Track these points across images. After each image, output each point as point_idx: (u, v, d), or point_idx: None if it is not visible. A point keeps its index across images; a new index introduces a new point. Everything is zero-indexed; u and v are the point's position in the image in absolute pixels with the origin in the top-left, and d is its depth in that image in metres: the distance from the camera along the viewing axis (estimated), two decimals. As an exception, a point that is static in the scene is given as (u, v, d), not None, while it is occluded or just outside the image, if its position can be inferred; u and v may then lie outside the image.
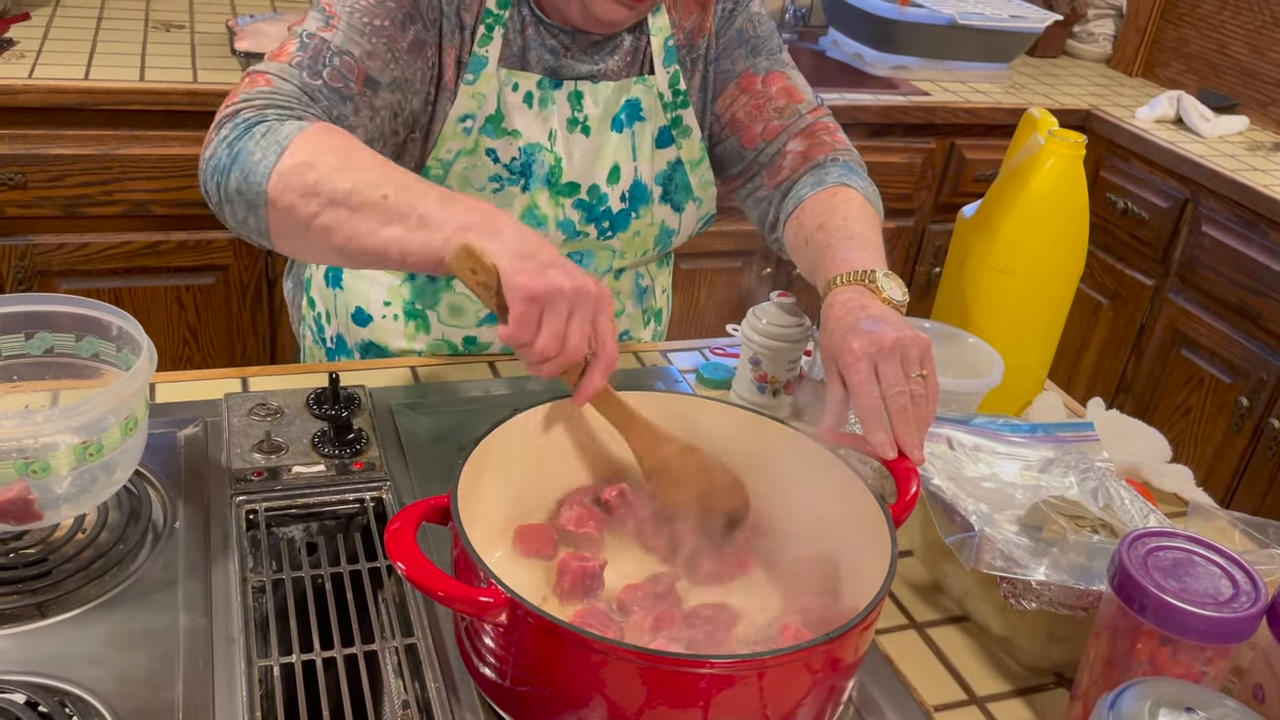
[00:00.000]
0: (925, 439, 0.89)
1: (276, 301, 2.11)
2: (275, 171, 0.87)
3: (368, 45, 1.01)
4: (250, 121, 0.91)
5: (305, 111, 0.95)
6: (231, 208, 0.91)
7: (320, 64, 0.98)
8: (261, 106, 0.93)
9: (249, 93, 0.95)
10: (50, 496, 0.84)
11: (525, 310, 0.78)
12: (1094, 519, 0.90)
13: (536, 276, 0.78)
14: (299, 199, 0.86)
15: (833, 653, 0.70)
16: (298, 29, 1.02)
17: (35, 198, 1.85)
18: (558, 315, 0.78)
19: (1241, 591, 0.73)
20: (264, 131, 0.89)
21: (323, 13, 1.02)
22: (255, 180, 0.88)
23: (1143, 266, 2.47)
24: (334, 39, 1.00)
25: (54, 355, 0.94)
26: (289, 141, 0.88)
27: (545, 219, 1.16)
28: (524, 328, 0.78)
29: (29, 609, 0.81)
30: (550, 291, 0.78)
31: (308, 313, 1.34)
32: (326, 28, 1.00)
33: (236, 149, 0.89)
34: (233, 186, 0.89)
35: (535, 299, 0.78)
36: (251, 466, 0.97)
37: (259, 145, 0.88)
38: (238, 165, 0.89)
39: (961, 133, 2.47)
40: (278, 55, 0.99)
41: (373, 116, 1.03)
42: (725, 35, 1.22)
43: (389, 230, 0.84)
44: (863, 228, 1.07)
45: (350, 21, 1.01)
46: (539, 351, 0.79)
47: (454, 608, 0.69)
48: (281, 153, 0.87)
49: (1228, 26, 2.67)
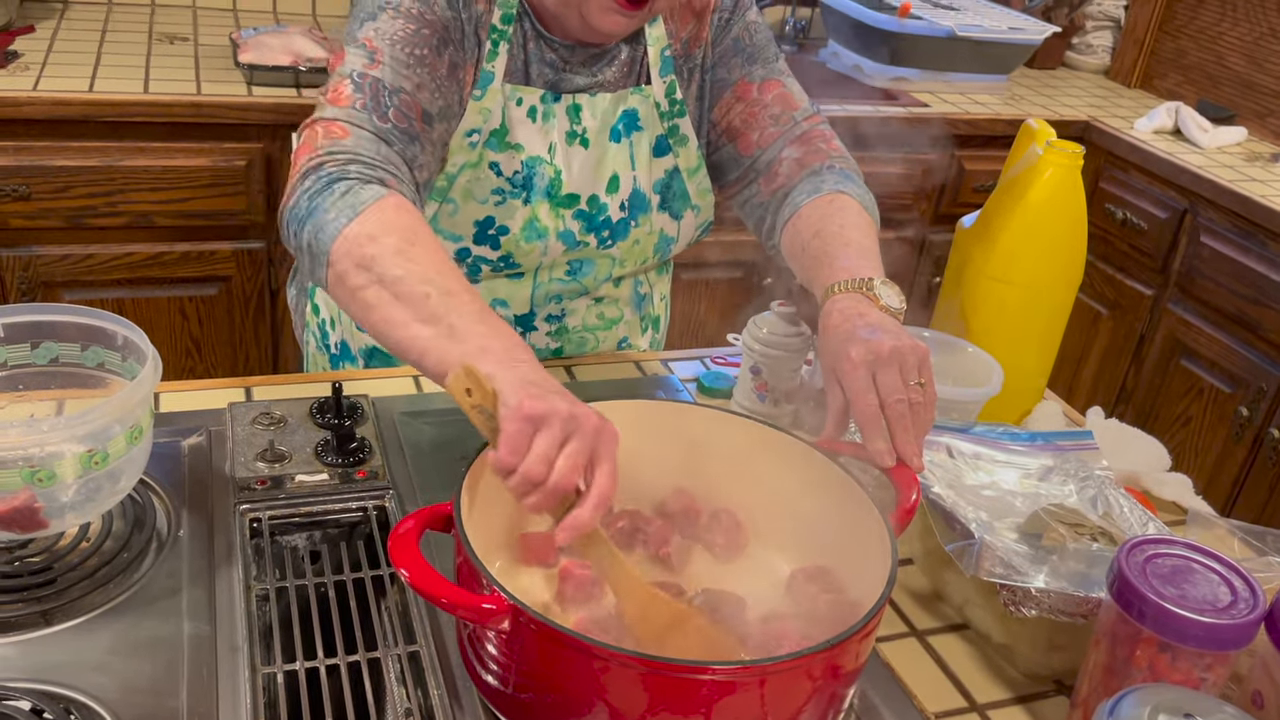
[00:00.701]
0: (924, 447, 0.89)
1: (279, 312, 2.12)
2: (343, 235, 0.88)
3: (415, 78, 1.02)
4: (333, 177, 0.91)
5: (386, 169, 0.95)
6: (301, 257, 0.93)
7: (383, 105, 0.99)
8: (345, 162, 0.93)
9: (331, 145, 0.95)
10: (55, 505, 0.85)
11: (518, 430, 0.73)
12: (1093, 527, 0.90)
13: (536, 399, 0.74)
14: (353, 268, 0.87)
15: (833, 660, 0.70)
16: (342, 69, 1.01)
17: (39, 209, 1.86)
18: (550, 437, 0.73)
19: (1240, 598, 0.74)
20: (343, 190, 0.90)
21: (363, 49, 1.02)
22: (324, 239, 0.89)
23: (1142, 277, 2.47)
24: (384, 76, 1.00)
25: (59, 365, 0.94)
26: (363, 208, 0.89)
27: (546, 230, 1.17)
28: (514, 449, 0.73)
29: (34, 617, 0.82)
30: (548, 414, 0.73)
31: (311, 319, 1.35)
32: (373, 64, 1.00)
33: (315, 204, 0.90)
34: (305, 239, 0.91)
35: (530, 419, 0.73)
36: (255, 475, 0.98)
37: (335, 205, 0.89)
38: (312, 220, 0.90)
39: (961, 143, 2.48)
40: (336, 100, 0.99)
41: (434, 151, 1.05)
42: (721, 44, 1.23)
43: (418, 328, 0.83)
44: (859, 235, 1.07)
45: (394, 55, 1.01)
46: (523, 474, 0.73)
47: (457, 614, 0.70)
48: (354, 218, 0.88)
49: (1225, 38, 2.69)
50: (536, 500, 0.75)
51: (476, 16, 1.09)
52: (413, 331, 0.83)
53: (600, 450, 0.76)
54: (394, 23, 1.03)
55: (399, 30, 1.02)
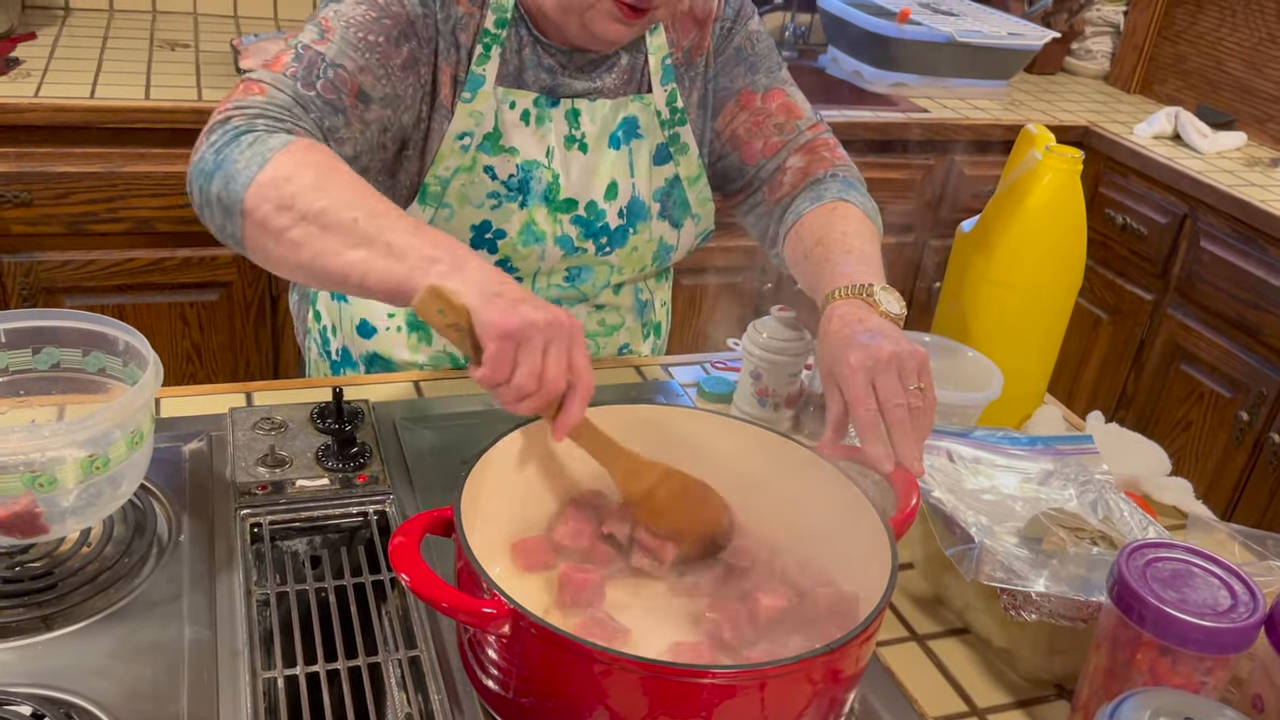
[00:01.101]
0: (924, 451, 0.89)
1: (279, 318, 2.12)
2: (255, 182, 0.87)
3: (361, 60, 1.02)
4: (239, 129, 0.91)
5: (296, 124, 0.95)
6: (211, 212, 0.91)
7: (314, 75, 0.99)
8: (253, 115, 0.93)
9: (242, 100, 0.95)
10: (56, 510, 0.85)
11: (500, 348, 0.76)
12: (1093, 531, 0.90)
13: (509, 313, 0.76)
14: (273, 211, 0.86)
15: (833, 664, 0.70)
16: (292, 40, 1.03)
17: (41, 215, 1.86)
18: (533, 351, 0.77)
19: (1240, 602, 0.74)
20: (251, 141, 0.90)
21: (318, 26, 1.03)
22: (235, 189, 0.88)
23: (1142, 282, 2.47)
24: (328, 52, 1.01)
25: (60, 370, 0.94)
26: (273, 154, 0.88)
27: (543, 235, 1.17)
28: (500, 366, 0.77)
29: (35, 622, 0.82)
30: (525, 327, 0.76)
31: (313, 325, 1.35)
32: (321, 40, 1.01)
33: (222, 156, 0.90)
34: (214, 192, 0.89)
35: (510, 335, 0.76)
36: (256, 480, 0.98)
37: (244, 154, 0.89)
38: (221, 172, 0.89)
39: (960, 149, 2.48)
40: (272, 65, 1.00)
41: (363, 130, 1.04)
42: (724, 53, 1.23)
43: (353, 253, 0.83)
44: (861, 243, 1.08)
45: (345, 36, 1.02)
46: (516, 389, 0.78)
47: (457, 619, 0.70)
48: (264, 164, 0.87)
49: (1225, 43, 2.69)
50: (529, 406, 0.79)
51: (456, 18, 1.09)
52: (348, 258, 0.83)
53: (575, 346, 0.80)
54: (357, 8, 1.04)
55: (359, 15, 1.04)
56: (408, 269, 0.81)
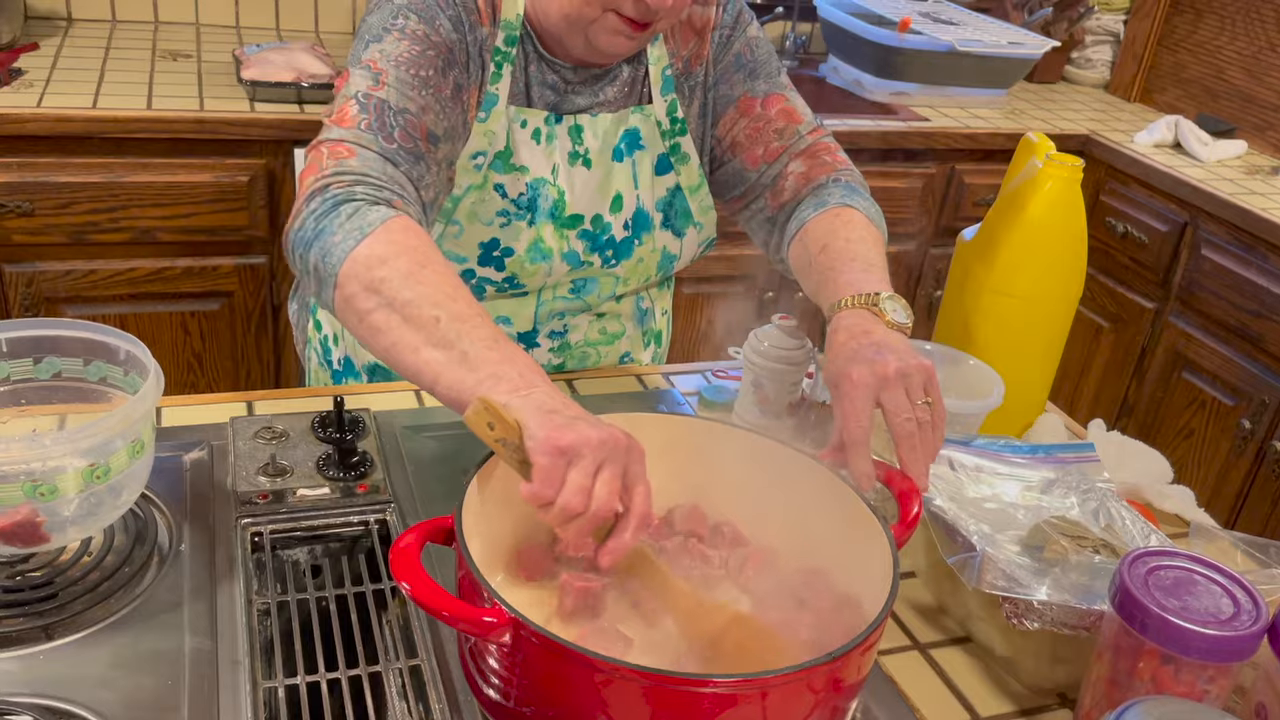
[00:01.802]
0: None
1: (281, 327, 2.12)
2: (351, 258, 0.87)
3: (420, 100, 1.01)
4: (339, 199, 0.91)
5: (392, 189, 0.94)
6: (308, 280, 0.92)
7: (389, 125, 0.98)
8: (350, 184, 0.92)
9: (337, 166, 0.94)
10: (57, 519, 0.85)
11: (550, 464, 0.73)
12: (1095, 539, 0.90)
13: (563, 430, 0.73)
14: (362, 291, 0.86)
15: (835, 672, 0.70)
16: (347, 90, 1.01)
17: (43, 225, 1.86)
18: (584, 469, 0.73)
19: (1243, 610, 0.73)
20: (350, 213, 0.89)
21: (368, 70, 1.01)
22: (331, 261, 0.88)
23: (1143, 290, 2.47)
24: (389, 97, 1.00)
25: (62, 380, 0.95)
26: (371, 230, 0.88)
27: (550, 252, 1.17)
28: (549, 483, 0.73)
29: (35, 631, 0.82)
30: (577, 444, 0.73)
31: (314, 335, 1.35)
32: (377, 86, 1.00)
33: (321, 226, 0.90)
34: (312, 261, 0.90)
35: (562, 452, 0.73)
36: (257, 489, 0.98)
37: (342, 227, 0.88)
38: (319, 242, 0.89)
39: (961, 158, 2.49)
40: (341, 120, 0.98)
41: (439, 171, 1.04)
42: (723, 61, 1.23)
43: (429, 353, 0.82)
44: (865, 249, 1.07)
45: (399, 76, 1.01)
46: (562, 508, 0.74)
47: (458, 628, 0.70)
48: (361, 240, 0.87)
49: (1224, 52, 2.70)
50: (577, 529, 0.75)
51: (481, 39, 1.09)
52: (424, 356, 0.82)
53: (632, 470, 0.76)
54: (399, 44, 1.03)
55: (404, 52, 1.02)
56: (476, 381, 0.79)
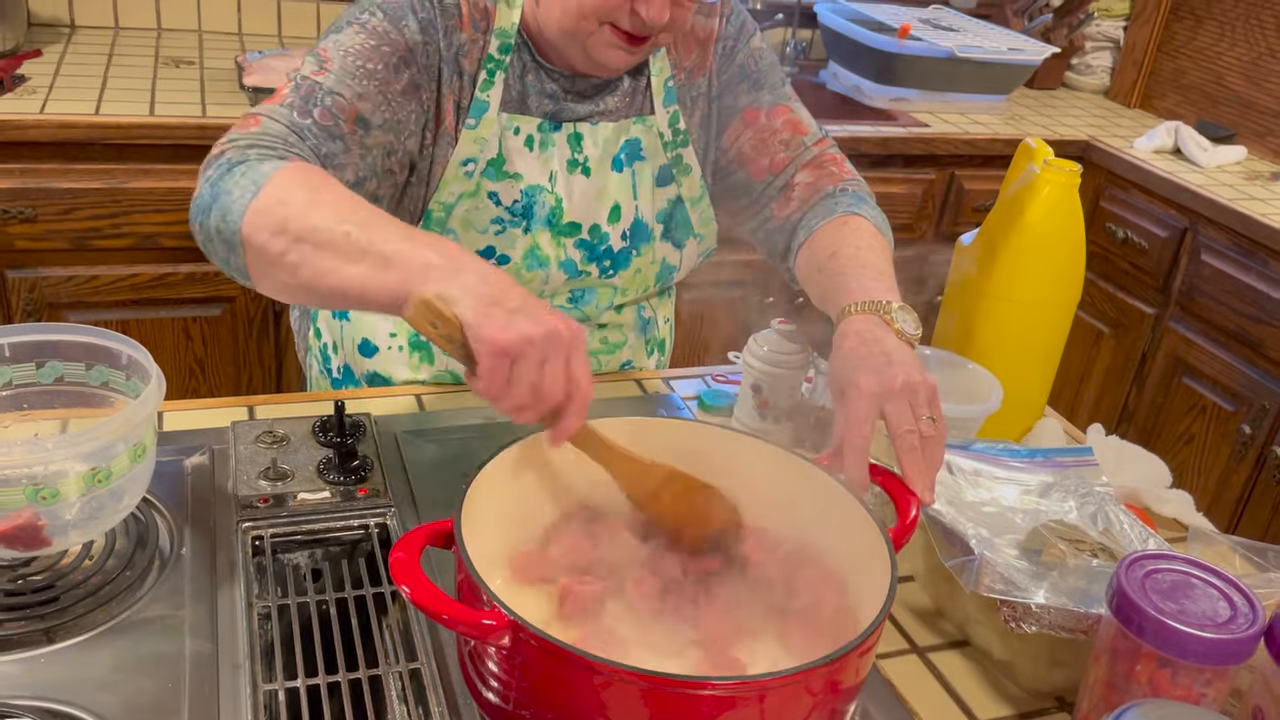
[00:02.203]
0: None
1: (282, 333, 2.13)
2: (250, 209, 0.86)
3: (359, 87, 1.03)
4: (232, 161, 0.91)
5: (289, 151, 0.95)
6: (213, 246, 0.91)
7: (311, 104, 1.00)
8: (245, 147, 0.93)
9: (236, 134, 0.96)
10: (59, 523, 0.85)
11: (495, 364, 0.75)
12: (1093, 543, 0.90)
13: (505, 328, 0.75)
14: (270, 237, 0.85)
15: (833, 675, 0.70)
16: (292, 73, 1.04)
17: (45, 230, 1.87)
18: (530, 365, 0.76)
19: (1239, 613, 0.74)
20: (244, 171, 0.90)
21: (317, 58, 1.04)
22: (232, 219, 0.87)
23: (1143, 295, 2.48)
24: (326, 81, 1.02)
25: (64, 384, 0.95)
26: (265, 180, 0.88)
27: (547, 259, 1.18)
28: (495, 381, 0.76)
29: (37, 634, 0.82)
30: (520, 343, 0.75)
31: (314, 343, 1.35)
32: (319, 71, 1.03)
33: (217, 189, 0.89)
34: (213, 226, 0.89)
35: (505, 352, 0.75)
36: (257, 493, 0.98)
37: (237, 184, 0.88)
38: (217, 204, 0.89)
39: (961, 163, 2.49)
40: (272, 99, 1.02)
41: (364, 155, 1.04)
42: (727, 72, 1.24)
43: (351, 269, 0.82)
44: (875, 257, 1.07)
45: (343, 65, 1.03)
46: (511, 403, 0.77)
47: (458, 630, 0.70)
48: (258, 191, 0.87)
49: (1224, 58, 2.70)
50: (526, 417, 0.79)
51: (458, 45, 1.09)
52: (345, 273, 0.82)
53: (574, 356, 0.78)
54: (355, 37, 1.05)
55: (357, 44, 1.05)
56: (404, 277, 0.79)
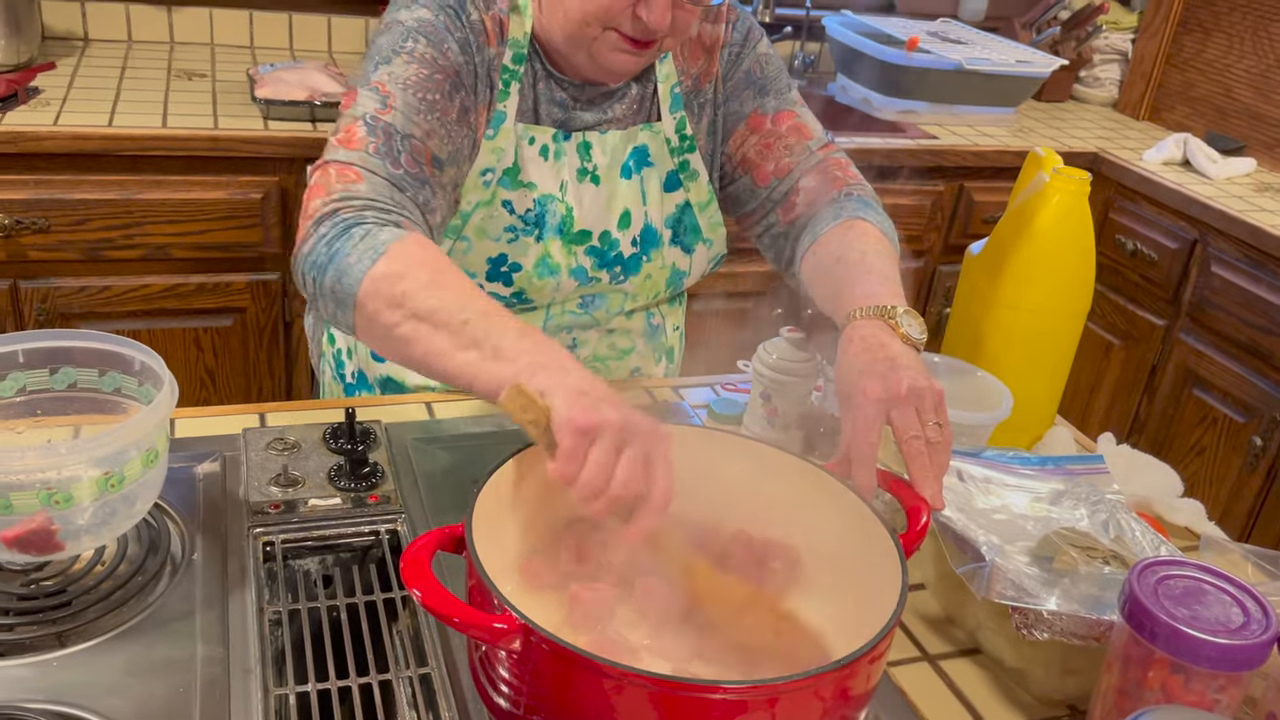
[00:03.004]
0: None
1: (293, 343, 2.13)
2: (369, 277, 0.89)
3: (426, 125, 1.03)
4: (349, 223, 0.93)
5: (401, 213, 0.96)
6: (324, 303, 0.94)
7: (395, 150, 1.01)
8: (360, 208, 0.94)
9: (345, 191, 0.96)
10: (72, 528, 0.85)
11: (574, 443, 0.75)
12: (1105, 550, 0.90)
13: (587, 411, 0.76)
14: (385, 307, 0.88)
15: (843, 681, 0.70)
16: (355, 110, 1.03)
17: (58, 241, 1.88)
18: (605, 448, 0.76)
19: (1252, 619, 0.73)
20: (362, 235, 0.91)
21: (376, 92, 1.03)
22: (348, 283, 0.90)
23: (1153, 307, 2.47)
24: (396, 121, 1.02)
25: (77, 390, 0.96)
26: (385, 249, 0.90)
27: (558, 267, 1.18)
28: (571, 460, 0.76)
29: (49, 639, 0.82)
30: (600, 425, 0.75)
31: (328, 349, 1.36)
32: (385, 109, 1.02)
33: (334, 249, 0.91)
34: (327, 285, 0.92)
35: (584, 431, 0.75)
36: (268, 499, 0.99)
37: (356, 249, 0.90)
38: (334, 265, 0.91)
39: (970, 175, 2.49)
40: (348, 142, 1.00)
41: (444, 195, 1.06)
42: (733, 78, 1.24)
43: (463, 355, 0.84)
44: (880, 262, 1.07)
45: (406, 100, 1.03)
46: (585, 484, 0.76)
47: (468, 634, 0.70)
48: (377, 259, 0.89)
49: (1233, 70, 2.70)
50: (600, 507, 0.77)
51: (489, 59, 1.10)
52: (459, 359, 0.84)
53: (654, 453, 0.78)
54: (408, 67, 1.04)
55: (412, 75, 1.04)
56: (514, 373, 0.80)
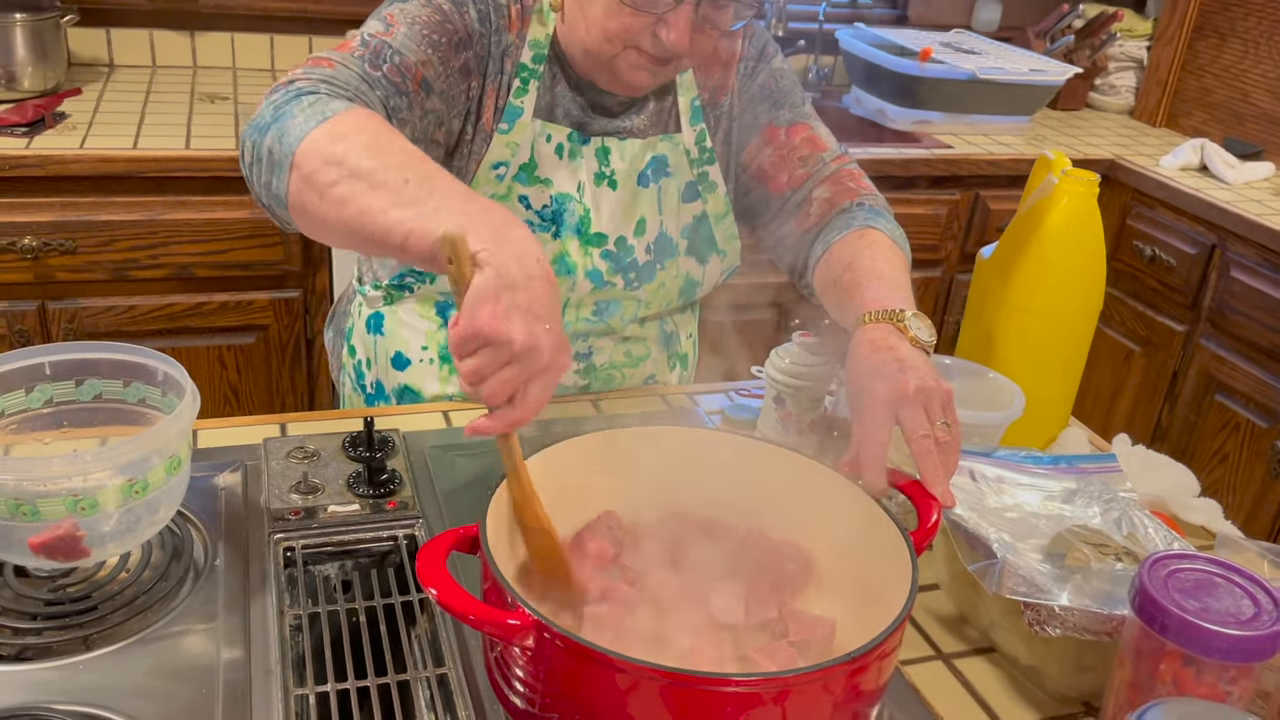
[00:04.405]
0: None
1: (315, 359, 2.16)
2: (309, 136, 0.87)
3: (423, 54, 1.06)
4: (302, 90, 0.93)
5: (359, 96, 0.98)
6: (259, 168, 0.91)
7: (381, 59, 1.03)
8: (317, 80, 0.96)
9: (309, 69, 0.98)
10: (97, 534, 0.87)
11: (468, 338, 0.74)
12: (1118, 547, 0.90)
13: (496, 316, 0.73)
14: (321, 165, 0.86)
15: (852, 676, 0.71)
16: (358, 30, 1.07)
17: (85, 262, 1.92)
18: (493, 360, 0.74)
19: (1263, 610, 0.73)
20: (312, 101, 0.91)
21: (383, 20, 1.07)
22: (288, 142, 0.88)
23: (1173, 313, 2.46)
24: (394, 41, 1.05)
25: (102, 401, 0.98)
26: (332, 114, 0.89)
27: (574, 266, 1.20)
28: (460, 349, 0.75)
29: (75, 643, 0.84)
30: (495, 336, 0.73)
31: (348, 361, 1.38)
32: (387, 32, 1.06)
33: (281, 112, 0.91)
34: (266, 144, 0.90)
35: (479, 336, 0.74)
36: (289, 506, 1.00)
37: (303, 111, 0.90)
38: (277, 125, 0.90)
39: (985, 184, 2.50)
40: (340, 48, 1.04)
41: (423, 116, 1.08)
42: (748, 91, 1.26)
43: (399, 213, 0.81)
44: (890, 268, 1.09)
45: (409, 31, 1.06)
46: (462, 373, 0.76)
47: (483, 630, 0.71)
48: (322, 122, 0.88)
49: (1249, 75, 2.70)
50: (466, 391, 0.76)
51: (506, 44, 1.13)
52: (393, 216, 0.81)
53: (538, 380, 0.76)
54: (422, 9, 1.08)
55: (424, 15, 1.08)
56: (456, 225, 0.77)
